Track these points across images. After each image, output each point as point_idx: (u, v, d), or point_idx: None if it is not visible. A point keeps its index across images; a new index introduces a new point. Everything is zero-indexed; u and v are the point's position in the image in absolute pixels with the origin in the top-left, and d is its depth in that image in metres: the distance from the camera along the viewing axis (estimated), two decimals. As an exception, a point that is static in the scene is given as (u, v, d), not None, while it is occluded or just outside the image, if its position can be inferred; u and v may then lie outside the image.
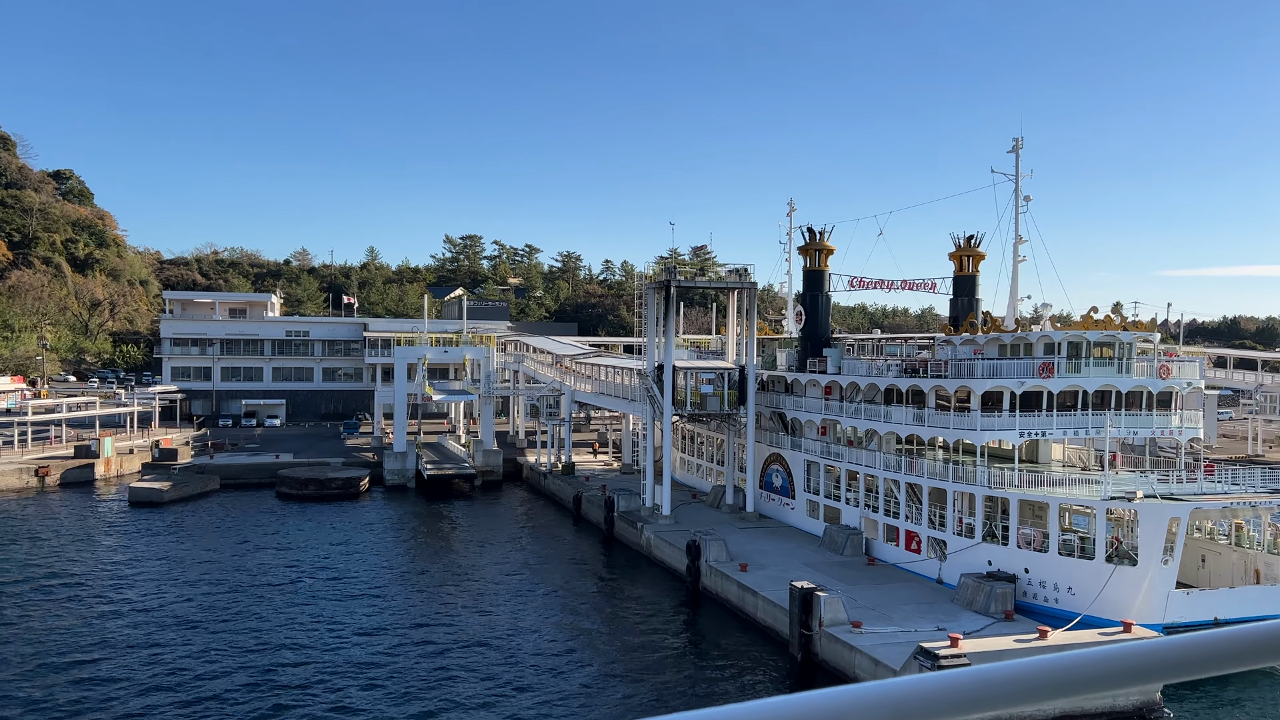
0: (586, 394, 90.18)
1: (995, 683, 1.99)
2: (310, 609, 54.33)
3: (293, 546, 70.08)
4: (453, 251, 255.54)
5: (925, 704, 1.94)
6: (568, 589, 60.27)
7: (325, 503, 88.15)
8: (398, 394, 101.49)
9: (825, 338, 71.09)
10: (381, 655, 46.68)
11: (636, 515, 71.19)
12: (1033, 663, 2.04)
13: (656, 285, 69.24)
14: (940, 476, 54.46)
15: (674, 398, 68.55)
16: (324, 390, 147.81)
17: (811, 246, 71.18)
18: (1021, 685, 2.01)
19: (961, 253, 72.00)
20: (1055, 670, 2.05)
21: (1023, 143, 60.81)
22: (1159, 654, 2.10)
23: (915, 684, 1.96)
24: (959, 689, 1.97)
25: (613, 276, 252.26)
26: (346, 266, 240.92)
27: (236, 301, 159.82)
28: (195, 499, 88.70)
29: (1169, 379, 55.02)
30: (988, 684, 1.98)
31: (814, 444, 67.79)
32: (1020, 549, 49.07)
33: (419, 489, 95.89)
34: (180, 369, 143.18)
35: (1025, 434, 52.68)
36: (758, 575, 54.46)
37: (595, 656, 47.61)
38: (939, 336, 61.67)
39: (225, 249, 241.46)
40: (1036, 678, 2.03)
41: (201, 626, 50.65)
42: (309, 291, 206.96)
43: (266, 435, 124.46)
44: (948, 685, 1.97)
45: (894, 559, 57.58)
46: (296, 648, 47.55)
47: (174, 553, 67.76)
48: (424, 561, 67.53)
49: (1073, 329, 54.32)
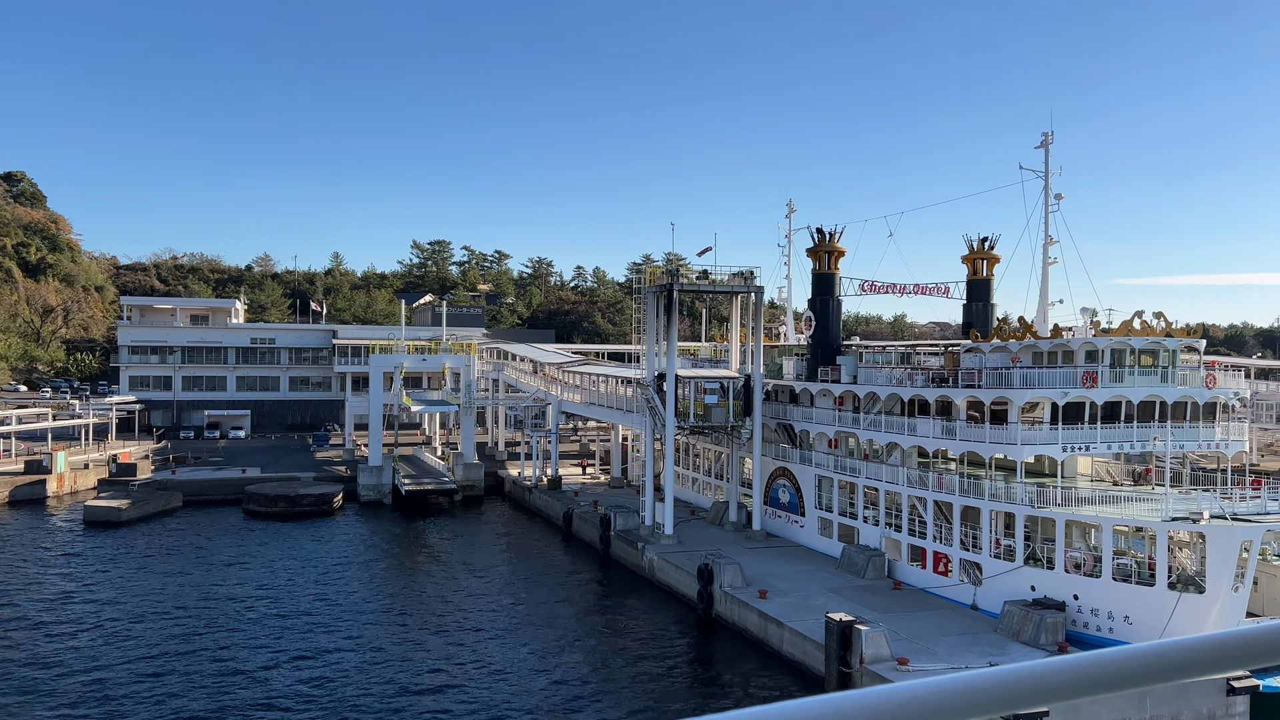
0: (575, 404, 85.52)
1: (1004, 686, 1.99)
2: (282, 642, 49.19)
3: (262, 570, 64.72)
4: (420, 257, 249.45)
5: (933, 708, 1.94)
6: (564, 615, 55.63)
7: (296, 521, 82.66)
8: (373, 404, 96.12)
9: (837, 345, 67.08)
10: (361, 696, 41.76)
11: (635, 534, 66.66)
12: (1051, 664, 2.03)
13: (658, 289, 64.87)
14: (975, 494, 50.52)
15: (676, 408, 64.18)
16: (291, 400, 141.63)
17: (821, 248, 67.17)
18: (1030, 689, 2.00)
19: (975, 255, 68.46)
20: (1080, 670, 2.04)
21: (1052, 137, 57.22)
22: (1148, 659, 2.08)
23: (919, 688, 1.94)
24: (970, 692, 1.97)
25: (585, 283, 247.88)
26: (311, 272, 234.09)
27: (198, 307, 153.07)
28: (156, 518, 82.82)
29: (1214, 389, 51.57)
30: (1004, 686, 1.99)
31: (826, 458, 63.72)
32: (1069, 573, 45.19)
33: (396, 505, 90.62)
34: (139, 378, 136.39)
35: (1069, 448, 48.88)
36: (779, 603, 50.15)
37: (604, 694, 43.06)
38: (964, 343, 57.83)
39: (185, 254, 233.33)
40: (1056, 679, 2.02)
41: (162, 661, 45.36)
42: (273, 298, 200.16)
43: (231, 448, 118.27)
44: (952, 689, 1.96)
45: (921, 583, 53.53)
46: (265, 684, 42.50)
47: (132, 578, 62.17)
48: (406, 586, 62.51)
49: (1113, 335, 50.65)
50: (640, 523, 67.95)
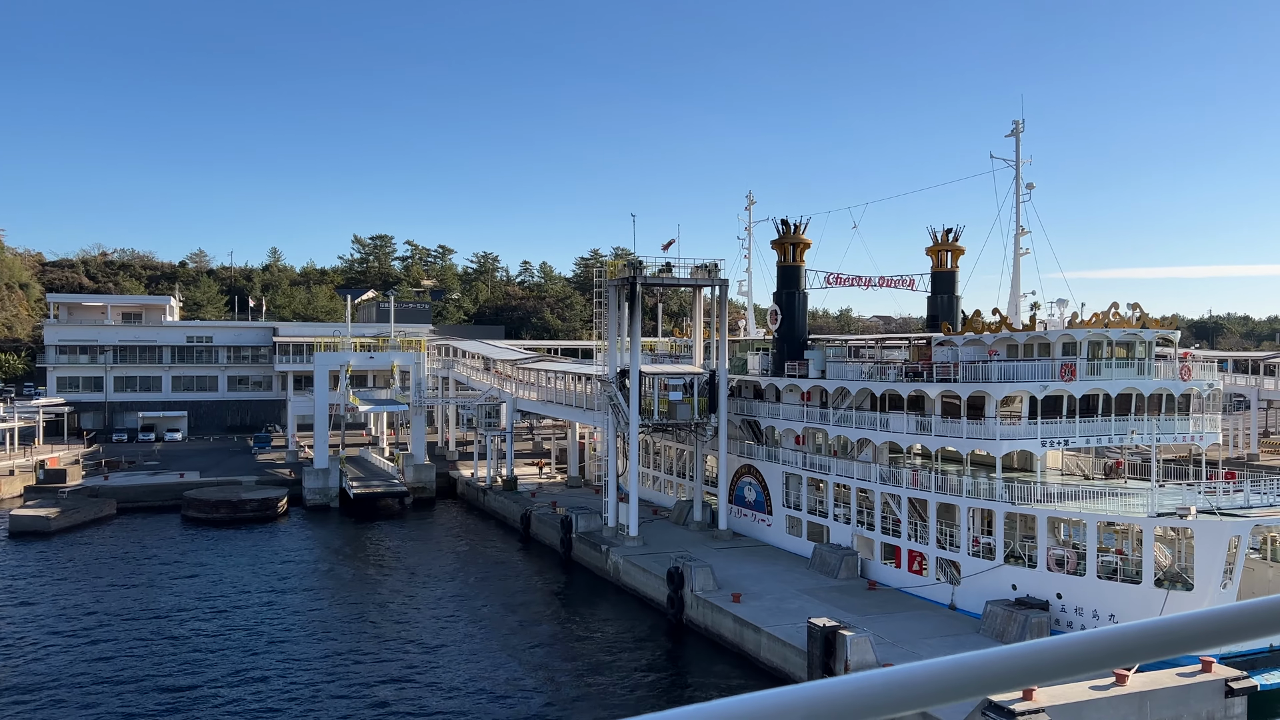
0: (531, 402, 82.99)
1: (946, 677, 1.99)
2: (223, 659, 46.12)
3: (203, 581, 61.26)
4: (362, 252, 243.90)
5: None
6: (526, 624, 53.28)
7: (239, 527, 78.94)
8: (318, 404, 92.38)
9: (803, 339, 65.50)
10: (309, 716, 39.07)
11: (599, 537, 64.47)
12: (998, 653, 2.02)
13: (619, 282, 62.68)
14: (952, 491, 49.23)
15: (640, 406, 62.09)
16: (230, 400, 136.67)
17: (787, 240, 65.51)
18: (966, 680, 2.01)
19: (939, 247, 67.46)
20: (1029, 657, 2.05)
21: (1023, 126, 56.16)
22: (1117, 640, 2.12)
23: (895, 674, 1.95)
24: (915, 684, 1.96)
25: (531, 278, 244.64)
26: (248, 269, 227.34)
27: (131, 305, 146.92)
28: (88, 527, 78.45)
29: (1189, 380, 50.93)
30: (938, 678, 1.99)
31: (794, 454, 62.14)
32: (1051, 571, 44.08)
33: (344, 509, 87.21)
34: (67, 379, 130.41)
35: (1048, 443, 47.78)
36: (753, 606, 48.37)
37: (574, 705, 40.90)
38: (936, 336, 56.59)
39: (115, 250, 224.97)
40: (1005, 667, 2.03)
41: (92, 685, 42.09)
42: (209, 295, 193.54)
43: (167, 451, 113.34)
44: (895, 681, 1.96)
45: (896, 582, 52.16)
46: (205, 704, 39.54)
47: (62, 594, 58.35)
48: (357, 594, 59.57)
49: (1086, 327, 49.67)
50: (603, 524, 65.78)
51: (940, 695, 1.98)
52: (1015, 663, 2.05)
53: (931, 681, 1.97)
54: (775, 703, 1.86)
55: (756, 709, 1.83)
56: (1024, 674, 2.06)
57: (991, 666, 2.02)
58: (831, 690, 1.89)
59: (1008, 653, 2.05)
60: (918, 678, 1.96)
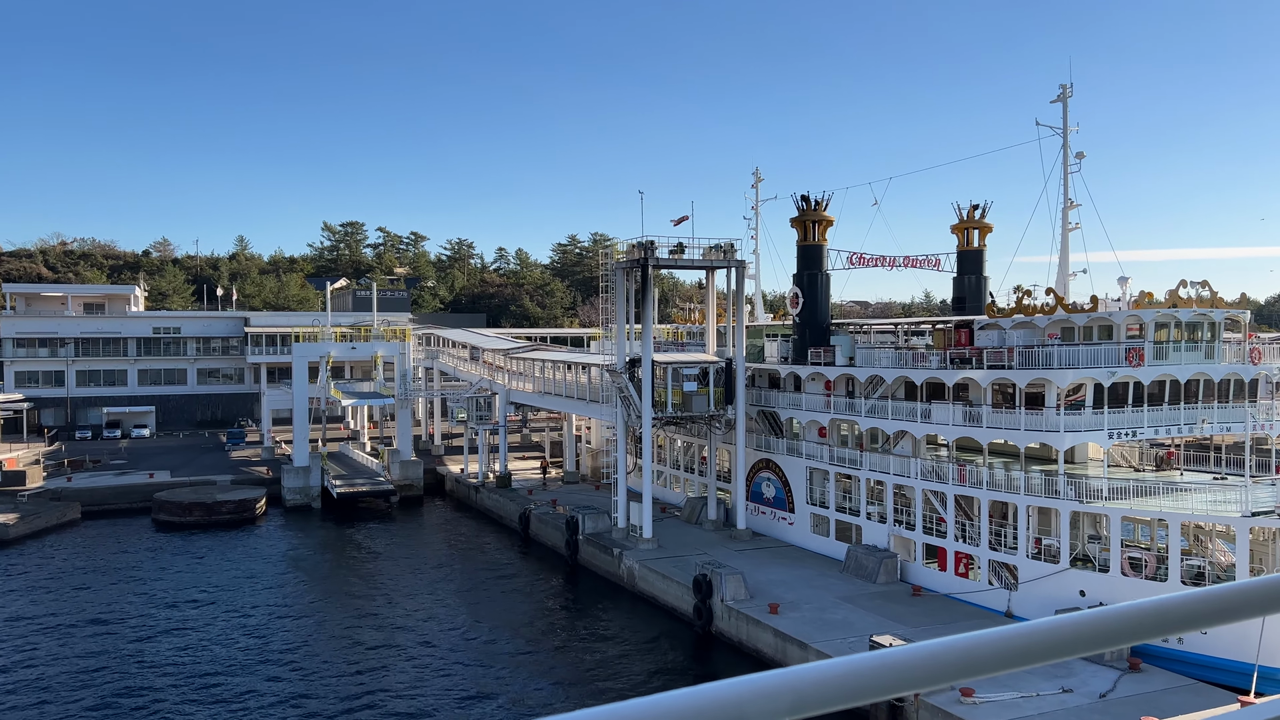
0: (527, 394, 78.09)
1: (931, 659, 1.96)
2: (199, 677, 41.08)
3: (177, 591, 55.99)
4: (332, 240, 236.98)
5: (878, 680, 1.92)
6: (533, 635, 48.68)
7: (214, 531, 73.52)
8: (297, 398, 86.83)
9: (827, 324, 61.05)
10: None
11: (609, 538, 59.84)
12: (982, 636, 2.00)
13: (629, 264, 57.88)
14: (1007, 488, 45.05)
15: (652, 398, 57.45)
16: (200, 394, 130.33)
17: (807, 217, 60.90)
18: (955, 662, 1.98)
19: (965, 225, 63.24)
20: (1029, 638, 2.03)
21: (1071, 90, 51.87)
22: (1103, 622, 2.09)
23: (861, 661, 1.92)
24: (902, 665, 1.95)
25: (507, 265, 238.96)
26: (215, 257, 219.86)
27: (93, 295, 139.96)
28: (50, 533, 72.67)
29: (1260, 364, 47.04)
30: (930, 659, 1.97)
31: (818, 448, 57.77)
32: (1126, 576, 40.01)
33: (326, 509, 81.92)
34: (26, 374, 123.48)
35: (1115, 435, 43.65)
36: (793, 618, 43.99)
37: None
38: (979, 319, 52.33)
39: (75, 239, 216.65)
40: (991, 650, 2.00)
41: (55, 704, 37.00)
42: (175, 284, 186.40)
43: (134, 449, 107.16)
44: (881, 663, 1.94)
45: (943, 587, 47.96)
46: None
47: (22, 607, 52.89)
48: (343, 604, 54.55)
49: (1155, 307, 45.54)
50: (612, 525, 61.14)
51: (928, 679, 1.95)
52: (1006, 645, 2.00)
53: (921, 665, 1.92)
54: (762, 687, 1.84)
55: (745, 693, 1.81)
56: (1016, 655, 2.02)
57: (982, 649, 1.97)
58: (819, 674, 1.87)
59: (999, 635, 2.00)
60: (907, 660, 1.92)
